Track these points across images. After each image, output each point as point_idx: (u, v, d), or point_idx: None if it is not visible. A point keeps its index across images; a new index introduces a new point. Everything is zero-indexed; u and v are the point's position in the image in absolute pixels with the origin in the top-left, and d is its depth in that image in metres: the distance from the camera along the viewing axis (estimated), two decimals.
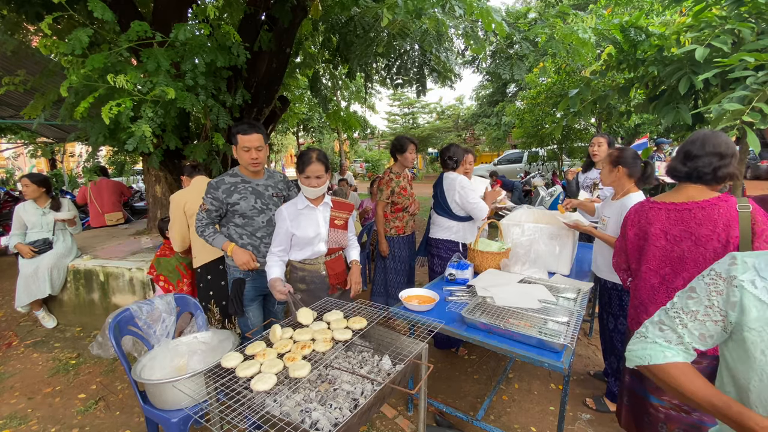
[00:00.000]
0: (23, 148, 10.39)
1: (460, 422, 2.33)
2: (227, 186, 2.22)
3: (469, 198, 2.84)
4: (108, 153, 10.94)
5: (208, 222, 2.25)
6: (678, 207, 1.55)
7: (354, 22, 4.17)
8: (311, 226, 2.15)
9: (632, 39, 3.41)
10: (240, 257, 2.20)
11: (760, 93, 2.25)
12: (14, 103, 5.97)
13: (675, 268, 1.57)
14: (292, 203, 2.18)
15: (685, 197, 1.55)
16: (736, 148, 1.47)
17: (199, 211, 2.25)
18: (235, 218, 2.27)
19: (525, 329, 1.78)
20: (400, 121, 25.83)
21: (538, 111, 7.61)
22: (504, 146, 18.19)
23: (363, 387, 1.53)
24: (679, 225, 1.55)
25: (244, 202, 2.24)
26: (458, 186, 2.88)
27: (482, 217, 2.81)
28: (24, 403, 2.63)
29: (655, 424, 1.66)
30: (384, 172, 3.28)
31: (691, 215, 1.52)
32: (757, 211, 1.41)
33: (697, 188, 1.54)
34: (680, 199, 1.56)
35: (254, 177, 2.31)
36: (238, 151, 2.20)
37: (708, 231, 1.47)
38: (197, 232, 2.26)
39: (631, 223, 1.75)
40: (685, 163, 1.53)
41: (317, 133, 15.36)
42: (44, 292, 3.57)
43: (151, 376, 1.85)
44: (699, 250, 1.49)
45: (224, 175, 2.27)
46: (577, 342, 3.14)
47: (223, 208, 2.24)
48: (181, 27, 2.66)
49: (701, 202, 1.50)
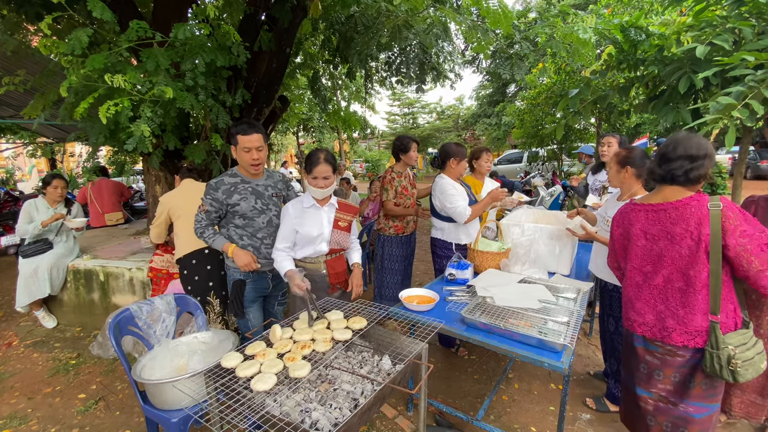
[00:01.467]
0: (23, 148, 10.39)
1: (460, 422, 2.33)
2: (227, 187, 2.18)
3: (445, 202, 2.82)
4: (108, 153, 10.93)
5: (207, 223, 2.21)
6: (655, 208, 1.63)
7: (354, 20, 4.17)
8: (315, 225, 2.16)
9: (632, 39, 3.41)
10: (241, 259, 2.18)
11: (755, 90, 2.25)
12: (14, 103, 5.96)
13: (655, 265, 1.63)
14: (298, 201, 2.20)
15: (661, 198, 1.62)
16: (710, 150, 1.53)
17: (198, 212, 2.21)
18: (235, 219, 2.24)
19: (525, 329, 1.78)
20: (400, 121, 25.85)
21: (538, 111, 7.61)
22: (504, 146, 18.18)
23: (363, 387, 1.53)
24: (657, 225, 1.61)
25: (244, 202, 2.20)
26: (438, 190, 2.90)
27: (462, 221, 2.79)
28: (24, 403, 2.63)
29: (645, 416, 1.70)
30: (386, 171, 3.26)
31: (667, 215, 1.58)
32: (729, 209, 1.46)
33: (672, 189, 1.60)
34: (657, 200, 1.63)
35: (254, 177, 2.27)
36: (238, 152, 2.16)
37: (681, 229, 1.53)
38: (196, 233, 2.23)
39: (616, 224, 1.81)
40: (660, 165, 1.60)
41: (317, 133, 15.34)
42: (44, 292, 3.57)
43: (151, 376, 1.85)
44: (675, 248, 1.56)
45: (223, 176, 2.23)
46: (577, 342, 3.14)
47: (222, 209, 2.21)
48: (181, 27, 2.65)
49: (675, 203, 1.57)
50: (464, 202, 2.80)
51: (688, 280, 1.53)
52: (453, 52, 4.92)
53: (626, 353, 1.81)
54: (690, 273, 1.52)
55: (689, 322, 1.53)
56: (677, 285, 1.57)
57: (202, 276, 2.63)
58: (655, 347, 1.64)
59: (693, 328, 1.53)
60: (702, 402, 1.59)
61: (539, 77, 7.00)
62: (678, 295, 1.56)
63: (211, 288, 2.63)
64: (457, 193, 2.83)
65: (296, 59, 5.35)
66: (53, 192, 3.65)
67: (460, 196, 2.84)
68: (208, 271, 2.63)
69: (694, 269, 1.51)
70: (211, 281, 2.63)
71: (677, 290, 1.57)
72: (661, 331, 1.60)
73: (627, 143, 3.14)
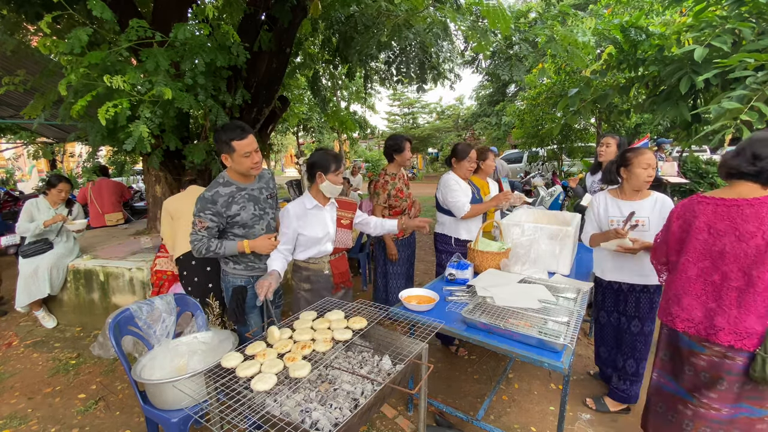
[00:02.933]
0: (23, 149, 10.38)
1: (460, 422, 2.33)
2: (224, 198, 2.04)
3: (447, 196, 2.92)
4: (108, 153, 10.92)
5: (209, 239, 2.05)
6: (727, 203, 1.58)
7: (354, 19, 4.18)
8: (319, 225, 2.16)
9: (632, 39, 3.41)
10: (263, 245, 2.06)
11: (759, 93, 2.25)
12: (14, 103, 5.96)
13: (715, 261, 1.60)
14: (299, 202, 2.17)
15: (735, 194, 1.58)
16: None
17: (195, 231, 2.03)
18: (235, 229, 2.13)
19: (525, 329, 1.78)
20: (400, 121, 25.83)
21: (538, 111, 7.61)
22: (504, 146, 18.17)
23: (363, 387, 1.53)
24: (725, 220, 1.57)
25: (244, 212, 2.10)
26: (442, 184, 2.99)
27: (459, 216, 2.89)
28: (24, 403, 2.63)
29: (681, 422, 1.68)
30: (379, 174, 3.13)
31: (739, 211, 1.54)
32: None
33: (749, 186, 1.56)
34: (730, 195, 1.59)
35: (248, 182, 2.15)
36: (235, 159, 2.00)
37: (753, 227, 1.50)
38: (198, 254, 2.05)
39: (677, 215, 1.78)
40: (753, 162, 1.54)
41: (317, 133, 15.35)
42: (43, 292, 3.57)
43: (151, 376, 1.85)
44: (741, 246, 1.52)
45: (216, 186, 2.06)
46: (577, 342, 3.14)
47: (223, 223, 2.07)
48: (181, 27, 2.66)
49: (751, 200, 1.53)
50: (465, 199, 2.89)
51: (749, 279, 1.49)
52: (453, 52, 4.92)
53: (668, 354, 1.78)
54: (753, 273, 1.49)
55: (741, 323, 1.50)
56: (735, 284, 1.53)
57: (201, 277, 2.62)
58: (701, 348, 1.61)
59: (743, 329, 1.50)
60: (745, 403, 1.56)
61: (539, 78, 7.00)
62: (734, 294, 1.53)
63: (211, 290, 2.61)
64: (460, 189, 2.91)
65: (296, 59, 5.35)
66: (56, 194, 3.65)
67: (463, 192, 2.91)
68: (207, 272, 2.61)
69: (758, 269, 1.47)
70: (211, 283, 2.61)
71: (734, 289, 1.53)
72: (707, 329, 1.57)
73: (626, 144, 3.13)
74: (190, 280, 2.63)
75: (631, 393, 2.38)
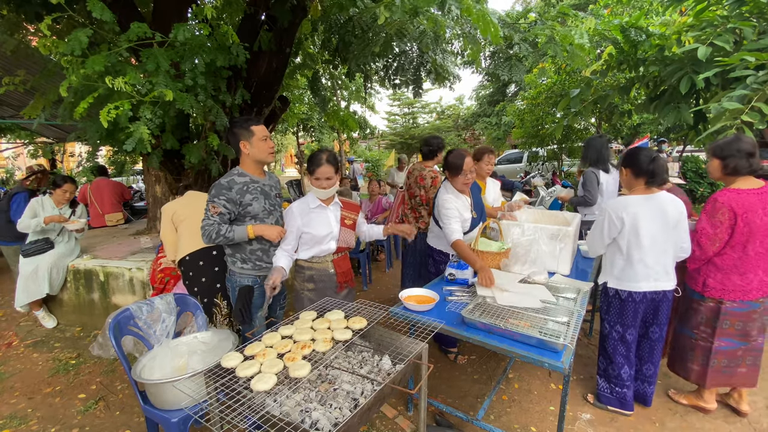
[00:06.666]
0: (23, 149, 10.38)
1: (460, 422, 2.33)
2: (239, 186, 2.08)
3: (441, 217, 2.60)
4: (108, 153, 10.93)
5: (220, 223, 2.05)
6: (759, 191, 2.08)
7: (353, 23, 4.17)
8: (323, 224, 2.18)
9: (632, 39, 3.41)
10: (271, 231, 2.10)
11: (759, 92, 2.25)
12: (14, 103, 5.96)
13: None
14: (303, 201, 2.20)
15: (755, 185, 2.09)
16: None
17: (208, 216, 2.05)
18: (246, 220, 2.14)
19: (525, 329, 1.78)
20: (400, 121, 25.79)
21: (539, 111, 7.61)
22: (504, 146, 18.16)
23: (363, 387, 1.53)
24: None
25: (256, 203, 2.13)
26: (439, 202, 2.66)
27: (448, 242, 2.53)
28: (24, 403, 2.63)
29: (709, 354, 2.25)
30: (430, 170, 3.24)
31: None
32: None
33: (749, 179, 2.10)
34: (753, 186, 2.08)
35: (261, 176, 2.21)
36: (254, 143, 2.08)
37: None
38: (209, 238, 2.05)
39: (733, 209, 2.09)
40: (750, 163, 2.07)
41: (317, 133, 15.34)
42: (42, 292, 3.57)
43: (151, 376, 1.85)
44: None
45: (231, 175, 2.12)
46: (577, 342, 3.13)
47: (236, 210, 2.09)
48: (181, 27, 2.65)
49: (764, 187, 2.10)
50: (457, 225, 2.53)
51: None
52: (448, 56, 4.93)
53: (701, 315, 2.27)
54: None
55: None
56: None
57: (209, 278, 2.60)
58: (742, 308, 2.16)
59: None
60: None
61: (539, 78, 7.00)
62: None
63: (219, 290, 2.60)
64: (454, 211, 2.57)
65: (296, 59, 5.35)
66: (61, 194, 3.65)
67: (458, 214, 2.58)
68: (215, 272, 2.60)
69: None
70: (219, 283, 2.59)
71: None
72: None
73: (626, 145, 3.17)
74: (197, 280, 2.60)
75: (647, 393, 2.39)
